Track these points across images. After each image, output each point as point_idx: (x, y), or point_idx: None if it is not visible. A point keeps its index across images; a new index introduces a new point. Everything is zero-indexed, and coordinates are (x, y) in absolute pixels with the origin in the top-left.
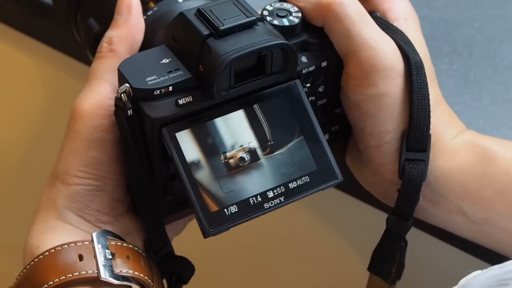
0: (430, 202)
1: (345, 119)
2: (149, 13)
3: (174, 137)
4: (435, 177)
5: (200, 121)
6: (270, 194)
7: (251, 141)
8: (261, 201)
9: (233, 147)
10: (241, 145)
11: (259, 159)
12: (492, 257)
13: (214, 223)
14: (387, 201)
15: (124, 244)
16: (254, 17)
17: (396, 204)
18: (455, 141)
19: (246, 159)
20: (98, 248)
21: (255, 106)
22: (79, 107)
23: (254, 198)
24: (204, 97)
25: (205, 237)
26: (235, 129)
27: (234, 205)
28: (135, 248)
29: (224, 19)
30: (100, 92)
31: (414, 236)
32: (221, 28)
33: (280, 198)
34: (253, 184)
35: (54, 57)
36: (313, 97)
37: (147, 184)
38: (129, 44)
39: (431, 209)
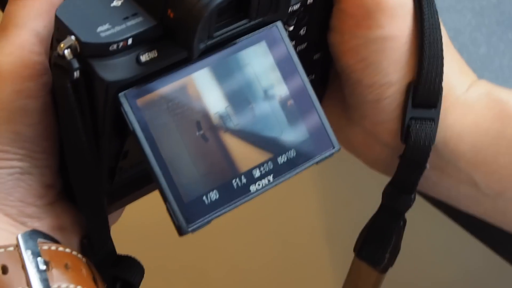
0: (434, 169)
1: (323, 66)
2: None
3: (136, 104)
4: (444, 138)
5: (167, 82)
6: (256, 173)
7: (227, 104)
8: (246, 182)
9: (208, 114)
10: (217, 111)
11: (238, 127)
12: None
13: (192, 215)
14: (379, 167)
15: (60, 248)
16: None
17: (397, 174)
18: (468, 94)
19: (223, 128)
20: (27, 255)
21: (231, 59)
22: None
23: (237, 179)
24: (173, 51)
25: (181, 234)
26: (210, 91)
27: (215, 190)
28: (73, 252)
29: None
30: (22, 45)
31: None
32: None
33: (269, 178)
34: (234, 161)
35: None
36: (293, 42)
37: (92, 165)
38: None
39: (434, 177)
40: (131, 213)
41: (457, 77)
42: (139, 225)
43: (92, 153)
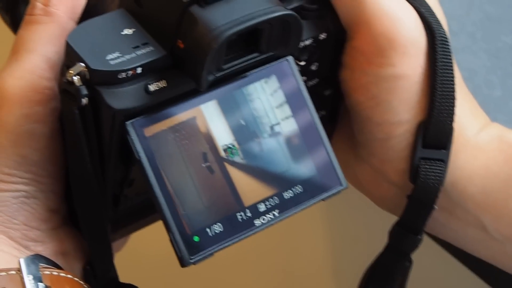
0: (442, 211)
1: (334, 103)
2: None
3: (142, 134)
4: (453, 180)
5: (175, 112)
6: (262, 207)
7: (234, 137)
8: (251, 216)
9: (214, 146)
10: (224, 144)
11: (244, 161)
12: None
13: (195, 247)
14: (386, 206)
15: (62, 274)
16: None
17: (404, 213)
18: (480, 137)
19: (229, 161)
20: (28, 280)
21: (240, 92)
22: (5, 89)
23: (242, 213)
24: (182, 81)
25: (183, 265)
26: (218, 123)
27: (219, 223)
28: (75, 278)
29: None
30: (32, 70)
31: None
32: None
33: (274, 212)
34: (239, 194)
35: None
36: (305, 77)
37: (97, 192)
38: (71, 5)
39: (442, 219)
40: (135, 242)
41: (468, 118)
42: (142, 254)
43: (97, 179)
